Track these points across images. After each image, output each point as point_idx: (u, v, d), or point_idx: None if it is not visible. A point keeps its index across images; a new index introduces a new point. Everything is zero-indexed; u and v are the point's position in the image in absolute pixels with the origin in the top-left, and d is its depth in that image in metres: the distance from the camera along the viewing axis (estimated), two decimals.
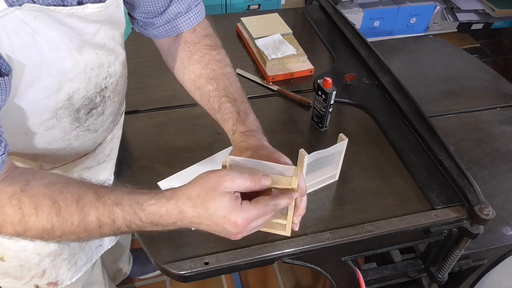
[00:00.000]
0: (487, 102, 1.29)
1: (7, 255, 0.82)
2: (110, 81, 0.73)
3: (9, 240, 0.76)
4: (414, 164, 0.96)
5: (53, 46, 0.59)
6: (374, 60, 1.23)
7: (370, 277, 0.96)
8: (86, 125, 0.74)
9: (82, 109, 0.70)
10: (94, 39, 0.66)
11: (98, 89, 0.71)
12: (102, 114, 0.76)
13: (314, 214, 0.86)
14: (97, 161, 0.86)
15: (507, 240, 0.95)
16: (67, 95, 0.66)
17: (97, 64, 0.68)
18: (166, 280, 1.61)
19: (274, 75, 1.20)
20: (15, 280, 0.87)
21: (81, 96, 0.68)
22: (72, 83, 0.65)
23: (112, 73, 0.73)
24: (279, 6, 2.12)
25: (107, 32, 0.68)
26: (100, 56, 0.69)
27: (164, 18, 0.77)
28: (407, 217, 0.86)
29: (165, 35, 0.80)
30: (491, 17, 2.50)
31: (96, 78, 0.69)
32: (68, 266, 0.91)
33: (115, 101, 0.78)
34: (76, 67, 0.64)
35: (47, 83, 0.62)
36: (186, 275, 0.75)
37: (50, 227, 0.57)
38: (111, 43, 0.70)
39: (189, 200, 0.58)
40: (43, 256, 0.85)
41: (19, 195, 0.56)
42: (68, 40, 0.61)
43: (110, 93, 0.75)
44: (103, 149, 0.85)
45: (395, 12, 2.39)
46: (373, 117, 1.09)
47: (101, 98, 0.73)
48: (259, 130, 0.75)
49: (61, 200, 0.57)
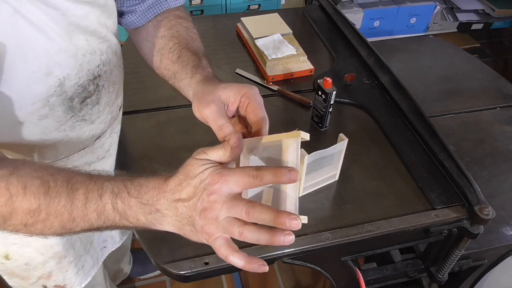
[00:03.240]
0: (487, 102, 1.29)
1: (12, 251, 0.82)
2: (104, 70, 0.73)
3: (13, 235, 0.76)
4: (414, 164, 0.96)
5: (36, 26, 0.58)
6: (374, 60, 1.23)
7: (370, 277, 0.96)
8: (81, 115, 0.73)
9: (76, 98, 0.70)
10: (83, 22, 0.65)
11: (91, 77, 0.71)
12: (97, 104, 0.75)
13: (314, 214, 0.86)
14: (96, 157, 0.86)
15: (507, 240, 0.96)
16: (57, 81, 0.65)
17: (89, 50, 0.68)
18: (166, 280, 1.61)
19: (274, 75, 1.21)
20: (22, 280, 0.87)
21: (73, 83, 0.68)
22: (61, 68, 0.64)
23: (105, 62, 0.73)
24: (279, 6, 2.13)
25: (98, 18, 0.68)
26: (91, 43, 0.68)
27: (146, 4, 0.79)
28: (407, 217, 0.86)
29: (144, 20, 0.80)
30: (491, 17, 2.50)
31: (88, 65, 0.69)
32: (76, 270, 0.90)
33: (110, 91, 0.78)
34: (65, 51, 0.63)
35: (34, 66, 0.61)
36: (186, 275, 0.75)
37: (36, 207, 0.54)
38: (103, 30, 0.70)
39: (171, 174, 0.57)
40: (48, 257, 0.85)
41: (7, 177, 0.53)
42: (53, 21, 0.60)
43: (104, 82, 0.75)
44: (102, 144, 0.85)
45: (395, 12, 2.39)
46: (373, 117, 1.09)
47: (94, 86, 0.72)
48: (212, 72, 0.72)
49: (52, 180, 0.55)
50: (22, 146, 0.71)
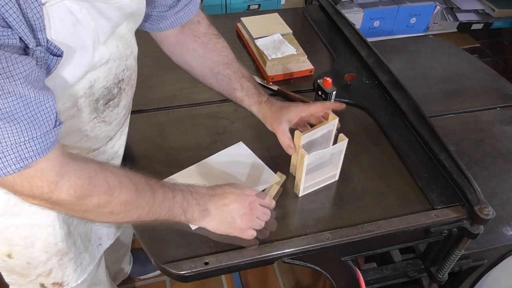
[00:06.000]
0: (487, 102, 1.29)
1: (15, 251, 0.82)
2: (127, 74, 0.78)
3: (19, 236, 0.79)
4: (414, 164, 0.96)
5: (90, 37, 0.63)
6: (374, 60, 1.23)
7: (370, 277, 0.96)
8: (103, 116, 0.77)
9: (101, 99, 0.74)
10: (117, 29, 0.70)
11: (116, 80, 0.75)
12: (117, 106, 0.79)
13: (314, 214, 0.86)
14: (106, 158, 0.87)
15: (507, 240, 0.96)
16: (88, 83, 0.69)
17: (118, 56, 0.73)
18: (166, 280, 1.61)
19: (274, 75, 1.21)
20: (21, 277, 0.87)
21: (101, 86, 0.72)
22: (94, 71, 0.69)
23: (129, 66, 0.78)
24: (279, 6, 2.12)
25: (128, 25, 0.73)
26: (120, 48, 0.73)
27: (176, 9, 0.85)
28: (407, 217, 0.86)
29: (173, 25, 0.88)
30: (491, 17, 2.50)
31: (116, 69, 0.73)
32: (74, 267, 0.91)
33: (128, 94, 0.82)
34: (102, 58, 0.68)
35: (76, 71, 0.65)
36: (186, 275, 0.75)
37: (129, 199, 0.66)
38: (129, 36, 0.75)
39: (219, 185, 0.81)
40: (51, 255, 0.85)
41: (103, 170, 0.64)
42: (102, 32, 0.66)
43: (125, 86, 0.79)
44: (113, 145, 0.87)
45: (395, 12, 2.39)
46: (373, 117, 1.09)
47: (118, 89, 0.76)
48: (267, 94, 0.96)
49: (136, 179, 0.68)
50: None
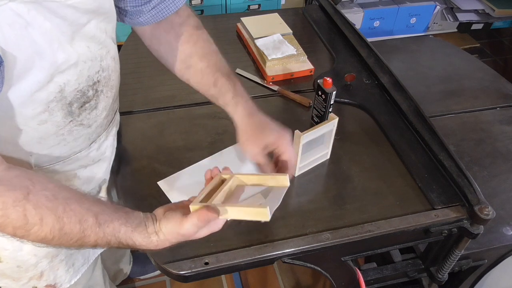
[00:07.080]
0: (487, 102, 1.29)
1: (4, 255, 0.81)
2: (103, 75, 0.74)
3: (6, 240, 0.77)
4: (414, 164, 0.96)
5: (47, 38, 0.59)
6: (374, 60, 1.23)
7: (370, 277, 0.96)
8: (80, 120, 0.74)
9: (75, 103, 0.70)
10: (83, 29, 0.66)
11: (91, 82, 0.71)
12: (96, 108, 0.76)
13: (314, 214, 0.86)
14: (92, 160, 0.86)
15: (507, 240, 0.95)
16: (58, 87, 0.66)
17: (89, 57, 0.69)
18: (166, 280, 1.61)
19: (274, 75, 1.20)
20: (13, 281, 0.86)
21: (72, 89, 0.68)
22: (62, 75, 0.65)
23: (105, 67, 0.74)
24: (279, 6, 2.12)
25: (98, 24, 0.69)
26: (92, 49, 0.69)
27: (152, 3, 0.79)
28: (407, 217, 0.86)
29: (152, 20, 0.82)
30: (491, 17, 2.50)
31: (88, 71, 0.69)
32: (66, 268, 0.90)
33: (108, 96, 0.78)
34: (68, 60, 0.64)
35: (39, 75, 0.61)
36: (186, 275, 0.75)
37: (50, 238, 0.61)
38: (102, 36, 0.71)
39: None
40: (40, 257, 0.85)
41: (24, 202, 0.58)
42: (61, 32, 0.61)
43: (103, 87, 0.75)
44: (98, 147, 0.85)
45: (395, 12, 2.39)
46: (373, 117, 1.09)
47: (93, 91, 0.73)
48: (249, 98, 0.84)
49: (65, 217, 0.61)
50: (19, 150, 0.71)
